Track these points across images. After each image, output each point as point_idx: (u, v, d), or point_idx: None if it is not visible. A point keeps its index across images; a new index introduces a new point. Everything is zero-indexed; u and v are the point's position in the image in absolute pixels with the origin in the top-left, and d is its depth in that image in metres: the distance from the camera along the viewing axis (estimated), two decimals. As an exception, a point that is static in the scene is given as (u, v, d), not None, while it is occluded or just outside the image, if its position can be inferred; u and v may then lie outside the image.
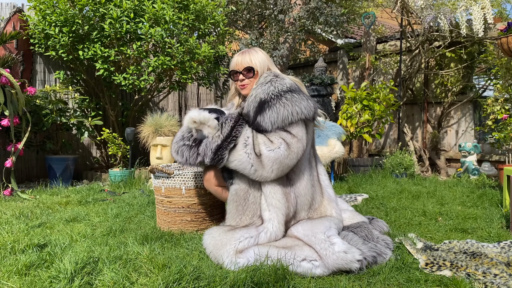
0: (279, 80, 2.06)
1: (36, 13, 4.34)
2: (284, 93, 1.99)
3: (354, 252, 1.78)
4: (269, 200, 1.98)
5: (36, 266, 1.79)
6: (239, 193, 2.04)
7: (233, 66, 2.19)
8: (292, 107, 1.95)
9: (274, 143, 1.95)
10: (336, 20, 5.55)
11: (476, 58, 5.22)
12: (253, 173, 1.95)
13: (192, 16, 4.62)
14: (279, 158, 1.93)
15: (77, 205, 3.29)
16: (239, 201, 2.03)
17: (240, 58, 2.18)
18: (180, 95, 6.53)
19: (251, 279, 1.52)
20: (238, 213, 2.03)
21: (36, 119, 4.24)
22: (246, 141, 1.97)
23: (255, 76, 2.14)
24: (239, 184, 2.04)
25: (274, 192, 1.98)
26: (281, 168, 1.95)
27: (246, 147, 1.96)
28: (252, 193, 2.02)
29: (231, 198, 2.06)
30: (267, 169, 1.93)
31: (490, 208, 3.10)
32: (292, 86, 2.04)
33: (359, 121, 4.68)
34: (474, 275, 1.77)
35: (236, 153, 1.95)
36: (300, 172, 2.08)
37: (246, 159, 1.94)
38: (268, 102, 1.98)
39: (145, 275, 1.69)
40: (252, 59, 2.15)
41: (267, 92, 2.00)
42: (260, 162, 1.93)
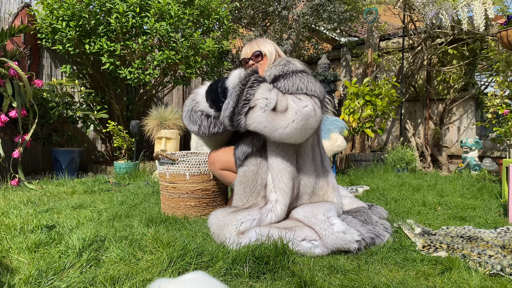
0: (292, 63, 2.16)
1: (44, 7, 4.42)
2: (299, 72, 2.08)
3: (353, 233, 1.83)
4: (276, 183, 2.03)
5: (45, 244, 1.86)
6: (247, 174, 2.09)
7: (243, 55, 2.31)
8: (307, 83, 2.02)
9: (302, 100, 1.94)
10: (340, 17, 5.61)
11: (478, 54, 5.26)
12: (274, 128, 1.89)
13: (196, 12, 4.69)
14: (306, 114, 1.90)
15: (83, 194, 3.36)
16: (247, 183, 2.09)
17: (248, 47, 2.30)
18: (185, 91, 6.60)
19: (253, 254, 1.58)
20: (245, 194, 2.09)
21: (43, 111, 4.32)
22: (266, 101, 1.90)
23: (264, 60, 2.23)
24: (248, 166, 2.10)
25: (281, 175, 2.03)
26: (304, 125, 1.91)
27: (270, 92, 1.91)
28: (260, 175, 2.08)
29: (239, 180, 2.12)
30: (291, 122, 1.88)
31: (490, 199, 3.15)
32: (305, 69, 2.13)
33: (361, 116, 4.73)
34: (469, 256, 1.82)
35: (253, 114, 1.90)
36: (306, 157, 2.14)
37: (265, 119, 1.89)
38: (283, 76, 2.06)
39: (150, 253, 1.75)
40: (260, 45, 2.27)
41: (282, 70, 2.10)
42: (284, 114, 1.89)
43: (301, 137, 1.95)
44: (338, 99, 6.58)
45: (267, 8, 6.02)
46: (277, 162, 2.05)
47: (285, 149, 2.06)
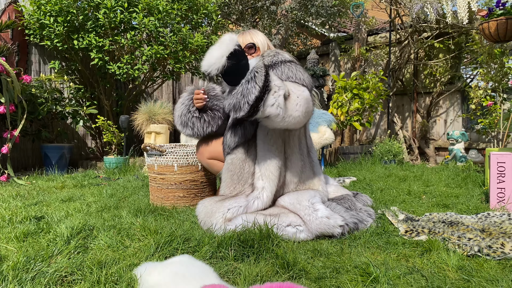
0: (281, 54, 2.20)
1: (31, 3, 4.41)
2: (287, 62, 2.12)
3: (336, 218, 1.87)
4: (263, 171, 2.07)
5: (33, 233, 1.88)
6: (235, 162, 2.13)
7: None
8: (296, 72, 2.06)
9: (300, 86, 1.98)
10: (327, 11, 5.66)
11: (463, 48, 5.34)
12: (281, 118, 1.86)
13: (185, 7, 4.71)
14: (307, 97, 1.92)
15: (72, 188, 3.37)
16: (235, 170, 2.12)
17: (241, 37, 2.31)
18: (174, 86, 6.61)
19: (238, 238, 1.61)
20: (232, 182, 2.13)
21: (32, 107, 4.31)
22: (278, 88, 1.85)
23: (257, 51, 2.27)
24: (235, 154, 2.14)
25: (269, 163, 2.07)
26: (306, 108, 1.92)
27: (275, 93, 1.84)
28: (247, 162, 2.12)
29: (226, 167, 2.15)
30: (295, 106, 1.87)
31: (473, 188, 3.22)
32: (293, 59, 2.18)
33: (349, 109, 4.78)
34: (449, 239, 1.87)
35: (268, 101, 1.82)
36: (294, 147, 2.18)
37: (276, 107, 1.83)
38: (272, 65, 2.10)
39: (138, 240, 1.79)
40: (253, 37, 2.29)
41: (271, 61, 2.13)
42: (289, 100, 1.88)
43: (304, 121, 1.96)
44: (327, 94, 6.63)
45: (255, 3, 6.05)
46: (266, 151, 2.09)
47: (274, 138, 2.10)
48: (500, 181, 2.47)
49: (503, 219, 2.17)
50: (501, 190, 2.46)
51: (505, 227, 2.03)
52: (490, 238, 1.87)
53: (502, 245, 1.74)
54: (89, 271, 1.41)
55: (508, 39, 3.07)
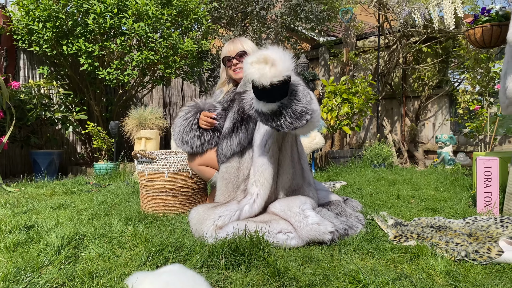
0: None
1: (20, 8, 4.38)
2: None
3: (326, 224, 1.89)
4: (258, 177, 2.08)
5: (23, 243, 1.87)
6: (229, 170, 2.14)
7: (226, 53, 2.32)
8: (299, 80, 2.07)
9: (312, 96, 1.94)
10: (317, 16, 5.70)
11: (451, 52, 5.42)
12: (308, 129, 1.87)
13: (175, 12, 4.71)
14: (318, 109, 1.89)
15: (62, 195, 3.35)
16: (229, 179, 2.14)
17: (231, 45, 2.32)
18: (164, 91, 6.61)
19: (229, 246, 1.63)
20: (227, 190, 2.14)
21: (21, 113, 4.28)
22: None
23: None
24: (230, 162, 2.15)
25: (263, 170, 2.09)
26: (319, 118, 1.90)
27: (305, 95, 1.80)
28: (242, 170, 2.13)
29: (221, 176, 2.17)
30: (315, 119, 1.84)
31: (461, 192, 3.26)
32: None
33: (339, 114, 4.82)
34: (438, 244, 1.90)
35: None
36: (286, 154, 2.20)
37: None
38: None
39: (129, 249, 1.79)
40: (244, 45, 2.31)
41: None
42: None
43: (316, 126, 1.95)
44: (317, 98, 6.68)
45: (245, 8, 6.08)
46: (262, 157, 2.11)
47: (271, 146, 2.12)
48: (486, 185, 2.51)
49: (489, 223, 2.21)
50: (488, 194, 2.51)
51: (492, 231, 2.07)
52: (477, 242, 1.90)
53: (489, 249, 1.77)
54: (80, 282, 1.41)
55: (493, 45, 3.13)
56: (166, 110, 6.57)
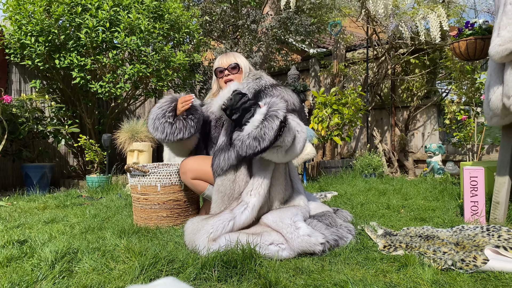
0: (265, 77, 2.31)
1: (12, 23, 4.41)
2: (275, 86, 2.22)
3: (317, 235, 1.93)
4: (256, 186, 2.13)
5: (17, 258, 1.88)
6: (225, 183, 2.18)
7: (218, 65, 2.39)
8: (286, 96, 2.17)
9: (300, 124, 2.12)
10: (306, 29, 5.80)
11: (438, 63, 5.53)
12: (283, 159, 2.10)
13: (167, 26, 4.77)
14: (305, 138, 2.11)
15: (55, 209, 3.36)
16: (225, 191, 2.17)
17: (225, 58, 2.39)
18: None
19: (221, 259, 1.66)
20: (223, 202, 2.17)
21: (12, 127, 4.28)
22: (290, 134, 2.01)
23: (240, 72, 2.34)
24: (226, 175, 2.19)
25: (262, 181, 2.14)
26: (303, 146, 2.13)
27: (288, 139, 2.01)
28: (237, 182, 2.17)
29: (216, 188, 2.20)
30: (298, 150, 2.08)
31: (449, 201, 3.32)
32: (278, 83, 2.27)
33: (330, 124, 4.89)
34: (426, 253, 1.95)
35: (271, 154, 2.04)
36: (280, 166, 2.25)
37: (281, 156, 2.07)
38: (263, 90, 2.18)
39: (123, 262, 1.81)
40: (237, 58, 2.39)
41: (259, 84, 2.22)
42: (294, 145, 2.06)
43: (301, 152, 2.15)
44: (308, 108, 6.75)
45: (236, 21, 6.17)
46: (261, 169, 2.17)
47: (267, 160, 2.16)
48: (473, 195, 2.57)
49: (476, 232, 2.26)
50: (475, 203, 2.57)
51: (478, 240, 2.12)
52: (463, 251, 1.95)
53: (475, 258, 1.82)
54: (74, 296, 1.43)
55: (477, 58, 3.22)
56: (158, 122, 6.58)
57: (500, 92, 2.32)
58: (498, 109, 2.36)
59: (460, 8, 4.95)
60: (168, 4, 4.87)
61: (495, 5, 2.42)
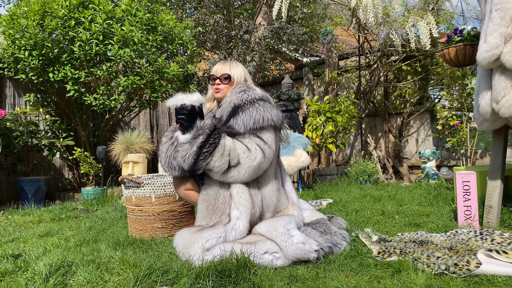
0: (252, 90, 2.29)
1: (5, 38, 4.43)
2: (256, 100, 2.21)
3: (311, 243, 1.94)
4: (237, 199, 2.14)
5: (11, 272, 1.88)
6: (209, 193, 2.19)
7: (213, 72, 2.40)
8: (263, 112, 2.16)
9: (252, 152, 2.14)
10: (299, 39, 5.86)
11: (430, 70, 5.59)
12: (227, 179, 2.15)
13: (160, 37, 4.81)
14: (256, 166, 2.14)
15: (50, 222, 3.35)
16: (210, 201, 2.18)
17: (220, 66, 2.40)
18: (151, 114, 6.65)
19: (215, 268, 1.66)
20: (208, 212, 2.18)
21: (7, 141, 4.28)
22: (223, 151, 2.10)
23: (231, 83, 2.35)
24: (209, 185, 2.20)
25: (242, 192, 2.15)
26: (255, 173, 2.16)
27: (222, 156, 2.10)
28: (222, 193, 2.18)
29: (201, 198, 2.21)
30: (242, 174, 2.13)
31: (444, 206, 3.34)
32: (263, 96, 2.27)
33: (324, 132, 4.92)
34: (419, 258, 1.96)
35: (212, 163, 2.10)
36: (267, 177, 2.26)
37: (222, 168, 2.11)
38: (241, 106, 2.18)
39: (118, 274, 1.81)
40: (231, 69, 2.38)
41: (241, 99, 2.21)
42: (237, 169, 2.12)
43: (252, 178, 2.20)
44: (302, 117, 6.79)
45: (229, 32, 6.22)
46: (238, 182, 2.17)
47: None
48: (466, 199, 2.59)
49: (469, 236, 2.28)
50: (468, 207, 2.59)
51: (471, 244, 2.13)
52: (457, 255, 1.96)
53: (468, 262, 1.84)
54: (68, 309, 1.43)
55: (467, 64, 3.26)
56: (153, 133, 6.60)
57: (489, 97, 2.36)
58: (487, 114, 2.39)
59: (449, 15, 5.02)
60: (161, 16, 4.91)
61: (482, 12, 2.47)
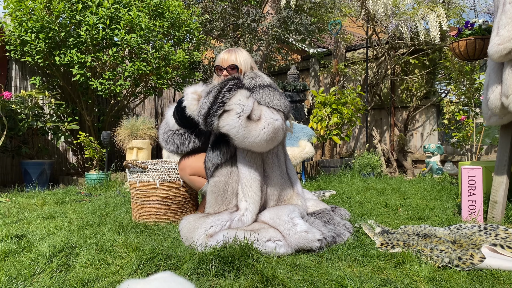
0: (259, 77, 2.27)
1: (12, 20, 4.41)
2: (265, 86, 2.19)
3: (314, 232, 1.94)
4: (246, 191, 2.13)
5: (15, 252, 1.89)
6: (218, 185, 2.19)
7: (219, 62, 2.37)
8: (273, 98, 2.14)
9: (274, 114, 2.07)
10: (307, 29, 5.80)
11: (437, 64, 5.54)
12: (241, 139, 2.02)
13: (167, 24, 4.78)
14: (277, 127, 2.04)
15: (53, 205, 3.36)
16: (218, 192, 2.18)
17: (226, 55, 2.36)
18: (156, 101, 6.64)
19: (219, 254, 1.66)
20: (217, 203, 2.18)
21: (12, 123, 4.29)
22: (243, 108, 2.01)
23: (239, 73, 2.32)
24: (218, 177, 2.20)
25: (251, 184, 2.14)
26: (273, 136, 2.04)
27: (241, 113, 2.00)
28: (230, 184, 2.18)
29: (210, 189, 2.21)
30: (262, 131, 2.00)
31: (448, 200, 3.33)
32: (271, 83, 2.25)
33: (329, 124, 4.89)
34: (423, 251, 1.96)
35: (228, 117, 2.01)
36: (273, 165, 2.26)
37: (238, 124, 1.99)
38: (251, 89, 2.16)
39: (120, 257, 1.81)
40: (238, 58, 2.34)
41: (250, 84, 2.19)
42: (257, 123, 2.01)
43: (267, 147, 2.10)
44: (307, 108, 6.76)
45: (236, 20, 6.17)
46: (247, 172, 2.16)
47: (253, 159, 2.17)
48: (471, 194, 2.58)
49: (473, 231, 2.27)
50: (472, 202, 2.57)
51: (475, 239, 2.12)
52: (460, 249, 1.95)
53: (471, 256, 1.83)
54: (72, 290, 1.43)
55: (477, 58, 3.22)
56: (158, 120, 6.60)
57: (498, 91, 2.33)
58: (496, 108, 2.36)
59: (460, 8, 4.95)
60: (168, 2, 4.87)
61: (494, 5, 2.43)
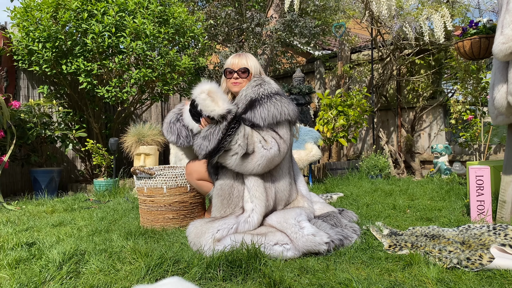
0: (267, 84, 2.27)
1: (20, 30, 4.47)
2: (273, 95, 2.20)
3: (322, 235, 1.94)
4: (252, 192, 2.15)
5: (25, 260, 1.91)
6: (224, 187, 2.20)
7: (229, 65, 2.38)
8: (281, 107, 2.16)
9: (268, 143, 2.14)
10: (311, 31, 5.82)
11: (443, 64, 5.52)
12: (242, 167, 2.14)
13: (172, 30, 4.81)
14: (271, 157, 2.13)
15: (63, 212, 3.39)
16: (224, 195, 2.19)
17: (237, 59, 2.38)
18: (163, 107, 6.68)
19: (226, 258, 1.67)
20: (223, 206, 2.19)
21: (21, 132, 4.34)
22: (239, 149, 2.11)
23: (249, 77, 2.34)
24: (223, 180, 2.21)
25: (257, 185, 2.16)
26: (268, 165, 2.16)
27: (237, 154, 2.11)
28: (236, 187, 2.19)
29: (216, 193, 2.22)
30: (256, 163, 2.12)
31: (456, 200, 3.31)
32: (279, 90, 2.26)
33: (335, 126, 4.89)
34: (431, 252, 1.95)
35: (226, 157, 2.12)
36: (281, 170, 2.27)
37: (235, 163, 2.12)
38: (258, 100, 2.17)
39: (129, 263, 1.83)
40: (248, 62, 2.36)
41: (257, 93, 2.21)
42: (251, 158, 2.12)
43: (265, 171, 2.20)
44: (313, 110, 6.76)
45: (241, 25, 6.20)
46: (253, 175, 2.17)
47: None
48: (479, 194, 2.56)
49: (482, 231, 2.25)
50: (481, 202, 2.56)
51: (484, 239, 2.11)
52: (469, 250, 1.94)
53: (480, 256, 1.82)
54: (81, 296, 1.45)
55: (482, 57, 3.21)
56: (164, 126, 6.62)
57: (504, 90, 2.32)
58: (503, 107, 2.35)
59: (464, 7, 4.94)
60: (173, 9, 4.91)
61: (498, 3, 2.42)
